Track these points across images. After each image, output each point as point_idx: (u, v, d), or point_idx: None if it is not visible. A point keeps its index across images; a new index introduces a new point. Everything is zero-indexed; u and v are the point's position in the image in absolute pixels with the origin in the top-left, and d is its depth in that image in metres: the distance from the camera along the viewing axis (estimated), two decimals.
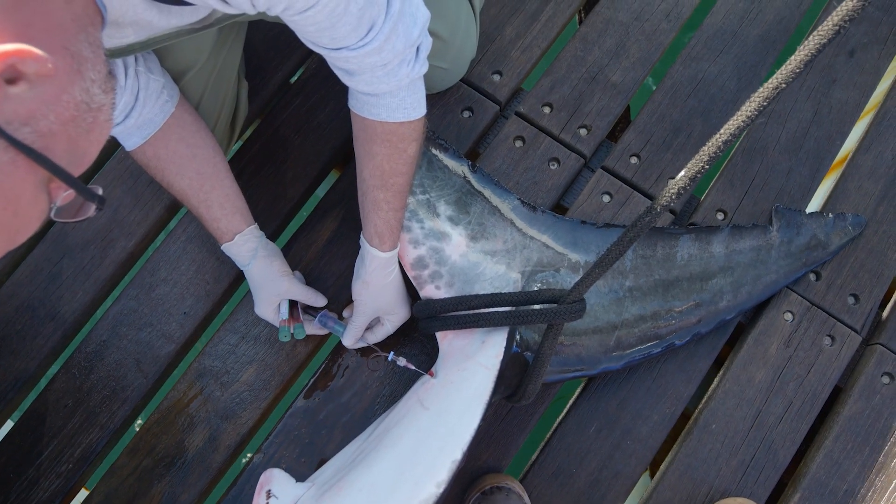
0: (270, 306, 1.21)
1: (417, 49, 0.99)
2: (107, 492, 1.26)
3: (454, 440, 1.02)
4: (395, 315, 1.21)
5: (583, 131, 1.41)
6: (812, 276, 1.35)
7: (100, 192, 0.71)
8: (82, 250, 1.36)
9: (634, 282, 1.27)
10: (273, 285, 1.19)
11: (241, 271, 1.23)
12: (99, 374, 1.30)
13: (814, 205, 1.40)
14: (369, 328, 1.23)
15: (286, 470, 1.22)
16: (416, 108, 1.05)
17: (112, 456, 1.30)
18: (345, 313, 1.27)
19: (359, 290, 1.18)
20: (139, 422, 1.35)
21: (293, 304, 1.24)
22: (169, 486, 1.26)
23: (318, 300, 1.23)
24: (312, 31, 0.87)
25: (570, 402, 1.30)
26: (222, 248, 1.18)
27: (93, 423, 1.28)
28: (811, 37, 0.82)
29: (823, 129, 1.42)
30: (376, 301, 1.18)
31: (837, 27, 0.82)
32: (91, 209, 0.71)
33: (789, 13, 1.47)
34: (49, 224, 1.38)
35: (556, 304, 1.09)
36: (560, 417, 1.30)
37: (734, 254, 1.31)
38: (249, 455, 1.28)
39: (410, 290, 1.23)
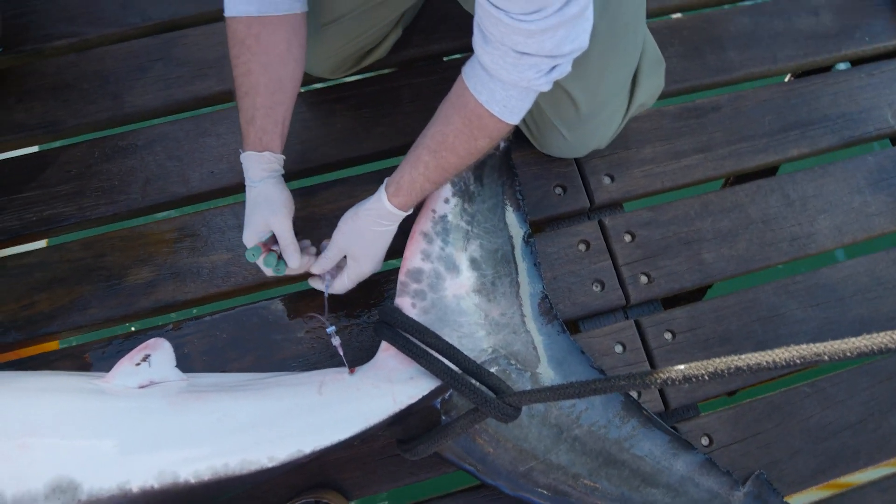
0: (258, 233, 1.13)
1: (555, 67, 0.96)
2: (43, 260, 1.29)
3: (314, 437, 0.99)
4: (359, 263, 1.15)
5: (643, 279, 1.34)
6: None
7: None
8: (180, 65, 1.40)
9: (584, 435, 1.20)
10: (271, 211, 1.12)
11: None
12: (111, 168, 1.34)
13: (797, 499, 1.29)
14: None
15: (183, 355, 1.23)
16: (513, 112, 1.02)
17: (69, 237, 1.33)
18: (323, 244, 1.21)
19: (346, 218, 1.14)
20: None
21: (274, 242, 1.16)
22: (89, 293, 1.27)
23: (293, 258, 1.13)
24: None
25: (452, 490, 1.24)
26: (246, 154, 1.12)
27: (76, 200, 1.31)
28: (880, 334, 0.75)
29: (857, 441, 1.30)
30: (354, 237, 1.14)
31: None
32: None
33: None
34: (169, 27, 1.44)
35: (494, 396, 1.04)
36: (429, 496, 1.23)
37: (689, 483, 1.22)
38: (169, 322, 1.28)
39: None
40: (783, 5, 1.58)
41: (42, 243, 1.39)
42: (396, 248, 1.20)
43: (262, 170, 1.12)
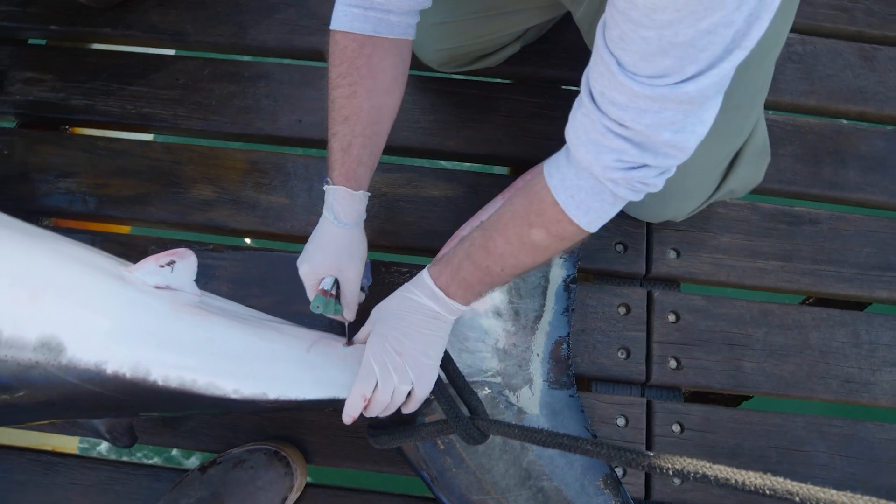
0: (320, 274, 1.06)
1: (641, 167, 0.79)
2: (128, 150, 1.38)
3: (282, 386, 1.01)
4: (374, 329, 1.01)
5: (672, 363, 1.28)
6: None
7: None
8: (308, 15, 1.46)
9: (551, 490, 1.15)
10: (350, 260, 1.05)
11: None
12: (213, 88, 1.42)
13: None
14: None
15: (212, 276, 1.29)
16: (579, 208, 0.84)
17: (157, 137, 1.42)
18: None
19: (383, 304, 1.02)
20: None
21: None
22: (154, 193, 1.35)
23: (353, 313, 1.10)
24: (620, 17, 0.68)
25: (405, 493, 1.23)
26: (336, 189, 1.02)
27: (173, 107, 1.40)
28: (863, 496, 0.73)
29: None
30: (383, 305, 1.01)
31: None
32: None
33: None
34: None
35: (467, 415, 1.03)
36: (383, 490, 1.23)
37: None
38: (210, 244, 1.34)
39: None
40: None
41: (130, 134, 1.48)
42: (434, 249, 1.20)
43: (354, 211, 1.05)
